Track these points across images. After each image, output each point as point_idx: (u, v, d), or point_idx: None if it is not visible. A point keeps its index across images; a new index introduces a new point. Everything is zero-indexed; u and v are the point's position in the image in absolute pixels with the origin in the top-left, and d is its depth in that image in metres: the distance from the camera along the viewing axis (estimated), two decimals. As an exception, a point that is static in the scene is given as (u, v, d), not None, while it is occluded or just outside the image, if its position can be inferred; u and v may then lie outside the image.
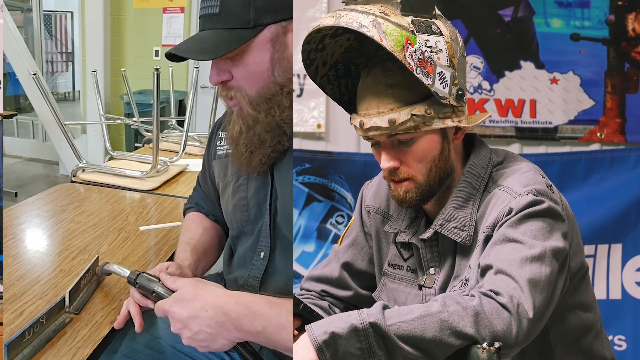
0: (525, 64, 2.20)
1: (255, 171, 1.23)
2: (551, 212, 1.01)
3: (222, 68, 1.13)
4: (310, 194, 2.24)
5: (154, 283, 1.11)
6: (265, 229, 1.23)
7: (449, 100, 1.05)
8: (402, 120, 1.04)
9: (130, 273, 1.16)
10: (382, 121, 1.05)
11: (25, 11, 7.08)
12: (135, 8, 5.35)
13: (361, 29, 1.00)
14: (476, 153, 1.14)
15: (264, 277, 1.24)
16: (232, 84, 1.14)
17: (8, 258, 1.46)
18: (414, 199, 1.10)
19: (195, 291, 1.05)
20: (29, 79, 4.46)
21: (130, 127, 5.04)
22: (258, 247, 1.25)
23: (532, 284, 0.91)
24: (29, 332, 1.05)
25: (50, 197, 2.08)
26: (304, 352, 0.85)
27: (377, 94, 1.06)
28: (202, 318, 1.01)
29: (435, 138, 1.08)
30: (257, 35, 1.09)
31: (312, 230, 2.25)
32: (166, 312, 1.05)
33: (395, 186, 1.11)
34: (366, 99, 1.08)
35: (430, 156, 1.08)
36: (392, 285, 1.20)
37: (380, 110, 1.06)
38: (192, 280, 1.09)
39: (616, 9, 2.16)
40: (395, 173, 1.09)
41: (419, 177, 1.09)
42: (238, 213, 1.29)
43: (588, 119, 2.21)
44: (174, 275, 1.13)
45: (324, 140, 2.27)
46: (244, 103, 1.15)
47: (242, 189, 1.28)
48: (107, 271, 1.29)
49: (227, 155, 1.33)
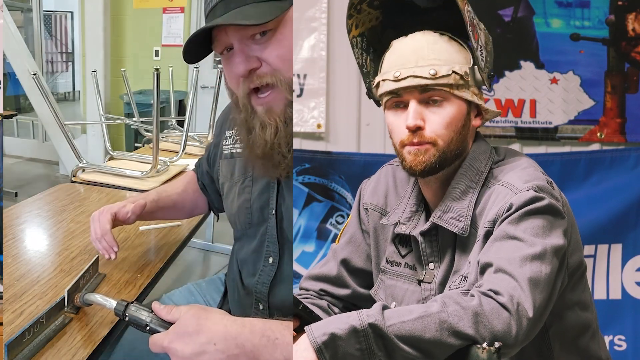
0: (525, 64, 2.20)
1: (287, 171, 1.15)
2: (552, 209, 1.00)
3: (249, 54, 1.02)
4: (310, 194, 2.24)
5: (145, 315, 0.99)
6: (271, 233, 1.22)
7: (482, 75, 1.08)
8: (443, 74, 1.05)
9: (117, 304, 1.04)
10: (423, 71, 1.06)
11: (25, 11, 7.09)
12: (135, 8, 5.36)
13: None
14: (476, 148, 1.14)
15: (272, 283, 1.23)
16: (264, 71, 1.03)
17: (8, 258, 1.46)
18: (431, 162, 1.08)
19: (199, 322, 0.92)
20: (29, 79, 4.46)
21: (130, 127, 5.05)
22: (265, 252, 1.23)
23: (533, 283, 0.91)
24: (29, 332, 1.05)
25: (50, 197, 2.08)
26: (304, 353, 0.84)
27: (416, 51, 1.08)
28: (210, 353, 0.89)
29: (464, 108, 1.09)
30: (290, 8, 1.02)
31: (312, 230, 2.25)
32: (165, 350, 0.93)
33: (415, 149, 1.08)
34: (402, 55, 1.09)
35: (455, 125, 1.08)
36: (390, 282, 1.20)
37: (419, 64, 1.07)
38: (192, 309, 0.96)
39: (616, 9, 2.16)
40: (418, 134, 1.07)
41: (440, 142, 1.08)
42: (242, 215, 1.28)
43: (588, 119, 2.21)
44: (167, 305, 0.99)
45: (324, 140, 2.27)
46: (283, 89, 1.03)
47: (247, 190, 1.27)
48: (88, 301, 1.16)
49: (233, 155, 1.32)
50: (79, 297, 1.17)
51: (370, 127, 2.23)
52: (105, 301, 1.09)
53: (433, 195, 1.15)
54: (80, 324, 1.17)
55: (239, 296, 1.31)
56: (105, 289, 1.34)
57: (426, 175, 1.11)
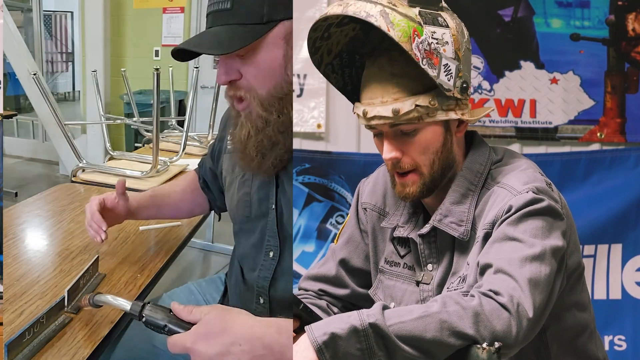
0: (525, 64, 2.20)
1: (268, 174, 1.20)
2: (551, 211, 1.00)
3: (231, 67, 1.10)
4: (310, 194, 2.24)
5: (163, 315, 0.96)
6: (272, 228, 1.23)
7: (453, 93, 1.05)
8: (405, 110, 1.04)
9: (132, 305, 1.00)
10: (386, 110, 1.05)
11: (25, 11, 7.08)
12: (135, 8, 5.36)
13: (369, 19, 0.99)
14: (475, 150, 1.13)
15: (273, 278, 1.23)
16: (242, 84, 1.11)
17: (8, 258, 1.46)
18: (418, 191, 1.10)
19: (223, 323, 0.91)
20: (29, 79, 4.46)
21: (130, 127, 5.05)
22: (265, 246, 1.24)
23: (532, 283, 0.91)
24: (29, 332, 1.05)
25: (50, 197, 2.08)
26: (304, 353, 0.84)
27: (381, 83, 1.06)
28: (235, 354, 0.88)
29: (438, 130, 1.08)
30: (270, 30, 1.07)
31: (312, 230, 2.25)
32: (188, 350, 0.91)
33: (401, 180, 1.10)
34: (370, 87, 1.08)
35: (433, 148, 1.08)
36: (388, 283, 1.20)
37: (384, 99, 1.05)
38: (214, 309, 0.95)
39: (616, 9, 2.16)
40: (398, 165, 1.09)
41: (423, 168, 1.09)
42: (241, 208, 1.29)
43: (588, 119, 2.21)
44: (187, 305, 0.97)
45: (324, 140, 2.27)
46: (254, 104, 1.11)
47: (247, 184, 1.28)
48: (98, 302, 1.11)
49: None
50: (89, 299, 1.11)
51: (370, 127, 2.22)
52: (117, 301, 1.05)
53: (430, 200, 1.15)
54: (81, 324, 1.17)
55: (240, 292, 1.31)
56: (105, 289, 1.34)
57: (417, 199, 1.13)
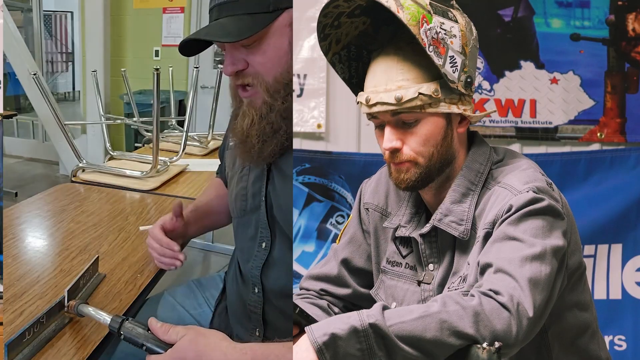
0: (525, 64, 2.20)
1: (267, 162, 1.21)
2: (551, 210, 1.00)
3: (237, 57, 1.12)
4: (311, 194, 2.24)
5: (141, 333, 0.99)
6: (262, 219, 1.24)
7: (457, 86, 1.05)
8: (408, 98, 1.04)
9: (111, 320, 1.03)
10: (389, 97, 1.05)
11: (25, 11, 7.08)
12: (135, 8, 5.36)
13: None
14: (475, 149, 1.14)
15: (264, 267, 1.24)
16: (248, 72, 1.13)
17: (8, 258, 1.46)
18: (413, 180, 1.10)
19: (197, 348, 0.92)
20: (29, 79, 4.46)
21: (130, 127, 5.05)
22: (259, 238, 1.26)
23: (532, 283, 0.91)
24: (29, 332, 1.05)
25: (50, 197, 2.08)
26: (304, 354, 0.84)
27: (386, 71, 1.07)
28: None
29: (440, 122, 1.08)
30: (276, 19, 1.09)
31: (312, 230, 2.25)
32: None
33: (396, 167, 1.10)
34: (375, 75, 1.08)
35: (434, 140, 1.08)
36: (390, 282, 1.20)
37: (388, 87, 1.06)
38: (189, 332, 0.96)
39: (616, 9, 2.16)
40: (396, 155, 1.09)
41: (421, 159, 1.09)
42: (239, 202, 1.31)
43: (588, 119, 2.21)
44: (164, 324, 0.98)
45: (324, 140, 2.27)
46: (261, 90, 1.13)
47: (245, 178, 1.30)
48: (81, 313, 1.14)
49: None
50: (75, 306, 1.14)
51: (370, 127, 2.21)
52: (98, 315, 1.08)
53: (431, 198, 1.15)
54: (81, 324, 1.17)
55: (238, 285, 1.33)
56: (105, 289, 1.34)
57: (411, 190, 1.13)
